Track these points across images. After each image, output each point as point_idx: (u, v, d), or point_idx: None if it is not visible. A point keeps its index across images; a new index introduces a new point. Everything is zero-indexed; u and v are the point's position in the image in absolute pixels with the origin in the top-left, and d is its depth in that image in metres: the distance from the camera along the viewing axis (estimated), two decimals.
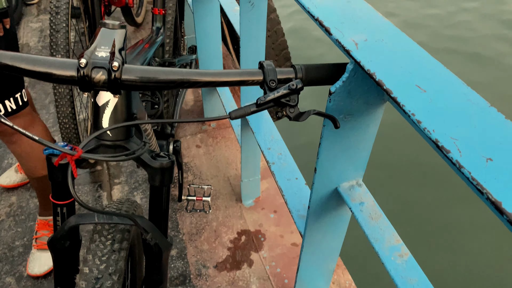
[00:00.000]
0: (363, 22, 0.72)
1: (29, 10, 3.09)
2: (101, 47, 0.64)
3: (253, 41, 1.34)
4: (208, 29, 1.85)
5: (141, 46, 1.07)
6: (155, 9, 1.32)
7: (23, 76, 0.64)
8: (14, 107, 1.27)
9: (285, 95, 0.63)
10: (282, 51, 2.45)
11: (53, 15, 1.48)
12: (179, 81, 0.65)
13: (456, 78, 0.59)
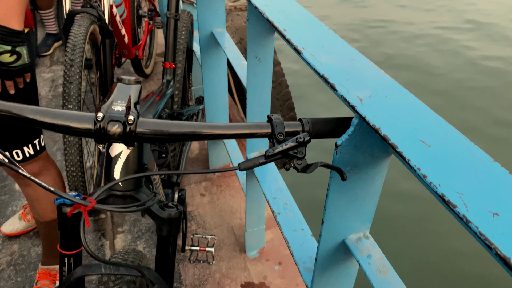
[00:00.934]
0: (367, 79, 0.75)
1: (42, 61, 3.21)
2: (118, 101, 0.67)
3: (259, 94, 1.39)
4: (215, 81, 1.92)
5: (152, 98, 1.11)
6: (166, 63, 1.38)
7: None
8: (32, 152, 1.31)
9: (293, 147, 0.65)
10: (286, 101, 2.52)
11: (67, 68, 1.54)
12: (190, 134, 0.67)
13: (458, 133, 0.62)
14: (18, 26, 1.13)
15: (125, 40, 2.33)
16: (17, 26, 1.13)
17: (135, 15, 2.66)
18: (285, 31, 0.94)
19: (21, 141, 1.30)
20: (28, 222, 1.88)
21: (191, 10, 2.36)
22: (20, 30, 1.14)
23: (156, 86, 2.97)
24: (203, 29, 1.80)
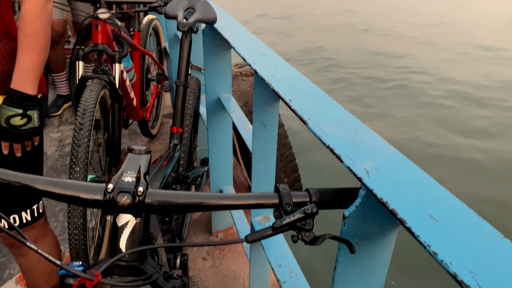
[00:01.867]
0: (372, 150, 0.77)
1: (51, 121, 3.29)
2: (128, 172, 0.68)
3: (264, 159, 1.40)
4: (220, 144, 1.95)
5: (160, 163, 1.13)
6: (173, 128, 1.41)
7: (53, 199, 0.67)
8: (29, 218, 1.29)
9: (301, 219, 0.65)
10: (290, 163, 2.54)
11: (77, 131, 1.58)
12: (198, 204, 0.68)
13: (466, 207, 0.62)
14: (31, 91, 1.17)
15: (134, 103, 2.41)
16: (31, 91, 1.17)
17: (144, 79, 2.76)
18: (290, 101, 0.98)
19: (19, 205, 1.26)
20: (25, 287, 1.83)
21: (199, 76, 2.45)
22: (33, 95, 1.18)
23: (162, 147, 3.01)
24: (210, 94, 1.86)
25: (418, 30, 10.16)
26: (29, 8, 1.13)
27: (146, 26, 2.72)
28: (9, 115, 1.15)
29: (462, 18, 11.77)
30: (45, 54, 1.19)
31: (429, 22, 10.91)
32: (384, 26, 10.37)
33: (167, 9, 1.44)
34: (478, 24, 10.93)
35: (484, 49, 9.32)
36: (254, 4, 12.95)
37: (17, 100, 1.15)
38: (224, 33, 1.55)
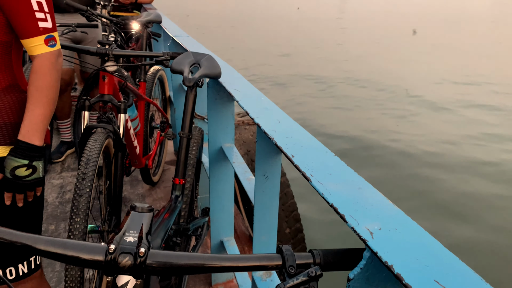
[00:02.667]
0: (375, 210, 0.77)
1: (53, 168, 3.30)
2: (130, 232, 0.67)
3: (266, 210, 1.40)
4: (222, 194, 1.95)
5: (162, 216, 1.12)
6: (176, 179, 1.42)
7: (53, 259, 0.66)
8: (26, 270, 1.26)
9: (305, 282, 0.64)
10: (292, 212, 2.51)
11: (79, 181, 1.58)
12: (200, 266, 0.66)
13: (472, 272, 0.61)
14: (38, 142, 1.19)
15: (137, 151, 2.43)
16: (38, 142, 1.19)
17: (148, 127, 2.80)
18: (293, 157, 0.99)
19: (17, 257, 1.24)
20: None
21: (202, 125, 2.49)
22: (40, 146, 1.20)
23: (163, 194, 3.00)
24: (213, 144, 1.88)
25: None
26: (41, 63, 1.18)
27: (152, 77, 2.79)
28: (15, 166, 1.16)
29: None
30: (53, 106, 1.22)
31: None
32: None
33: (173, 64, 1.49)
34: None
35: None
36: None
37: (23, 151, 1.17)
38: (228, 87, 1.59)
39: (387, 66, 12.47)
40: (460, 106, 9.34)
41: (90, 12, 2.83)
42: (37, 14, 1.14)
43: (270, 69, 12.33)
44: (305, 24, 20.43)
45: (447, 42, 16.93)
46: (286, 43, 15.31)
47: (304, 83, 10.88)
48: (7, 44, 1.17)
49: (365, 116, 8.56)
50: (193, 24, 19.89)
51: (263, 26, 18.96)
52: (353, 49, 15.47)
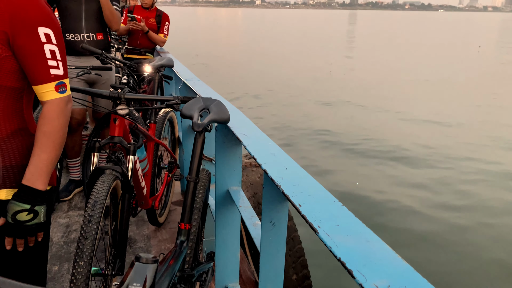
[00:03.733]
0: (384, 265, 0.75)
1: (60, 206, 3.30)
2: (134, 284, 0.66)
3: (273, 257, 1.37)
4: (227, 237, 1.92)
5: (167, 262, 1.10)
6: (181, 224, 1.41)
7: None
8: None
9: None
10: (299, 258, 2.46)
11: (85, 223, 1.58)
12: None
13: None
14: (42, 186, 1.18)
15: (144, 192, 2.43)
16: (41, 187, 1.18)
17: (156, 167, 2.82)
18: (300, 206, 0.98)
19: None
20: None
21: (210, 166, 2.50)
22: (43, 191, 1.19)
23: (168, 235, 2.97)
24: (220, 186, 1.88)
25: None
26: (50, 108, 1.20)
27: (162, 118, 2.84)
28: (16, 210, 1.15)
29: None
30: (59, 151, 1.23)
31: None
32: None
33: (183, 109, 1.52)
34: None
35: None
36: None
37: (26, 196, 1.16)
38: (236, 131, 1.61)
39: None
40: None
41: (105, 55, 2.93)
42: (49, 61, 1.17)
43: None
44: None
45: None
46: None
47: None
48: (19, 90, 1.20)
49: None
50: (196, 62, 20.40)
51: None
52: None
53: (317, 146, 9.24)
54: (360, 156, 8.69)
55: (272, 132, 9.97)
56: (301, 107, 12.61)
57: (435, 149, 9.13)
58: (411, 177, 7.72)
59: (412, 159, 8.54)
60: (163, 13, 4.51)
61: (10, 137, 1.20)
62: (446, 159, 8.61)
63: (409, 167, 8.11)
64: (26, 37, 1.13)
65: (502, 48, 33.85)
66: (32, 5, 1.13)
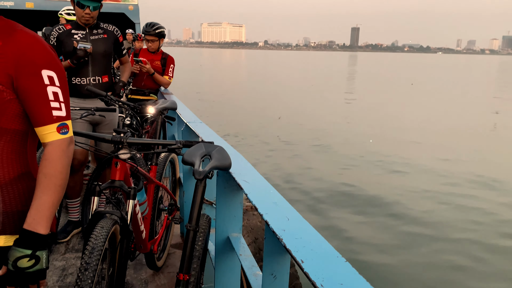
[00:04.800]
0: None
1: (57, 248, 3.23)
2: None
3: None
4: (227, 286, 1.86)
5: None
6: (180, 275, 1.37)
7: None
8: None
9: None
10: None
11: (82, 271, 1.54)
12: None
13: None
14: (44, 230, 1.16)
15: (143, 236, 2.38)
16: (43, 231, 1.16)
17: (156, 209, 2.78)
18: (302, 262, 0.95)
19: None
20: None
21: (210, 210, 2.47)
22: (45, 235, 1.17)
23: (166, 280, 2.88)
24: (220, 233, 1.84)
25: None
26: (51, 150, 1.19)
27: (163, 160, 2.84)
28: (17, 256, 1.13)
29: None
30: (62, 193, 1.21)
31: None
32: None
33: (185, 155, 1.52)
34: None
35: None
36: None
37: (27, 241, 1.14)
38: (238, 178, 1.60)
39: None
40: None
41: (109, 97, 2.98)
42: (52, 103, 1.17)
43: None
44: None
45: None
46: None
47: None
48: (23, 133, 1.20)
49: None
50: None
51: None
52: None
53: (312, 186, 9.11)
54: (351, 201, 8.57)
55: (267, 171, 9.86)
56: (298, 149, 12.55)
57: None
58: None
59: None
60: (169, 56, 4.62)
61: (13, 182, 1.19)
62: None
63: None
64: (30, 79, 1.14)
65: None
66: (37, 49, 1.15)
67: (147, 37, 4.44)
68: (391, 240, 7.08)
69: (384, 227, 7.57)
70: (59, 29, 3.04)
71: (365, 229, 7.40)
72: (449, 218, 7.92)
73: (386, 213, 8.09)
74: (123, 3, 11.97)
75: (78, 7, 2.94)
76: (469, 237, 7.21)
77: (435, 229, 7.49)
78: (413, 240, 7.08)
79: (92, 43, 3.07)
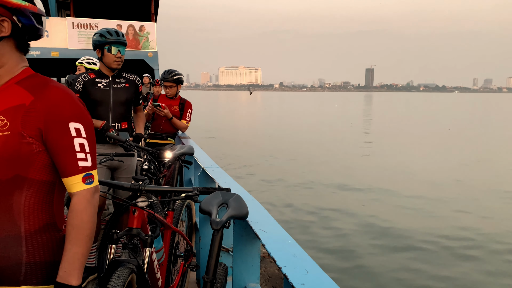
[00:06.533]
0: None
1: None
2: None
3: None
4: None
5: None
6: None
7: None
8: None
9: None
10: None
11: None
12: None
13: None
14: (76, 281, 1.17)
15: (159, 284, 2.34)
16: (75, 282, 1.17)
17: (172, 255, 2.75)
18: None
19: None
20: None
21: (227, 258, 2.42)
22: (77, 286, 1.17)
23: None
24: (237, 282, 1.80)
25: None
26: (77, 201, 1.21)
27: (180, 206, 2.84)
28: None
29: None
30: (90, 243, 1.22)
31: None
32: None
33: (202, 204, 1.52)
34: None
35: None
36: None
37: None
38: (255, 227, 1.58)
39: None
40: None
41: (128, 143, 3.04)
42: (78, 154, 1.21)
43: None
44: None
45: None
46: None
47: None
48: (51, 183, 1.23)
49: None
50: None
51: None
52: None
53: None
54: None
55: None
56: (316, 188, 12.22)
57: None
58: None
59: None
60: (186, 101, 4.73)
61: (37, 233, 1.21)
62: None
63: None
64: (58, 132, 1.18)
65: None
66: (66, 103, 1.20)
67: (165, 83, 4.58)
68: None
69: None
70: (84, 77, 3.16)
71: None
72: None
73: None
74: (143, 50, 12.51)
75: (109, 52, 3.06)
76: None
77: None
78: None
79: (114, 92, 3.18)
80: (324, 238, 8.20)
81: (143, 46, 12.51)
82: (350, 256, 7.39)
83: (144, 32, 12.50)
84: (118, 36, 3.05)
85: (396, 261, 7.24)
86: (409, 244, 8.00)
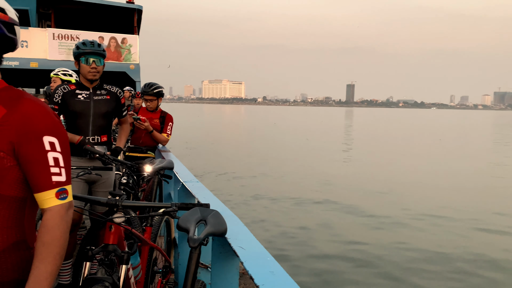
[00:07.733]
0: None
1: None
2: None
3: None
4: None
5: None
6: None
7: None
8: None
9: None
10: None
11: None
12: None
13: None
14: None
15: None
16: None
17: (150, 272, 2.69)
18: None
19: None
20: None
21: (205, 274, 2.39)
22: None
23: None
24: None
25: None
26: (50, 216, 1.17)
27: (158, 221, 2.79)
28: None
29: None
30: (60, 261, 1.18)
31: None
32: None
33: (180, 221, 1.50)
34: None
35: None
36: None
37: None
38: (233, 244, 1.56)
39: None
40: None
41: (107, 157, 2.98)
42: (52, 169, 1.17)
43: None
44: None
45: None
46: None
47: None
48: (22, 199, 1.19)
49: None
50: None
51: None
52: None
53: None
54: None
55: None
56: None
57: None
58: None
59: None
60: (167, 114, 4.70)
61: (6, 251, 1.16)
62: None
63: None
64: (31, 146, 1.15)
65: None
66: (40, 117, 1.17)
67: (146, 96, 4.55)
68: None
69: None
70: (64, 88, 3.10)
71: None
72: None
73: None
74: (125, 62, 12.44)
75: (84, 63, 3.00)
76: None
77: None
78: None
79: (95, 104, 3.12)
80: (304, 255, 8.15)
81: (125, 59, 12.44)
82: (329, 274, 7.35)
83: (126, 45, 12.44)
84: (93, 46, 2.99)
85: (377, 277, 7.24)
86: (393, 261, 8.01)
